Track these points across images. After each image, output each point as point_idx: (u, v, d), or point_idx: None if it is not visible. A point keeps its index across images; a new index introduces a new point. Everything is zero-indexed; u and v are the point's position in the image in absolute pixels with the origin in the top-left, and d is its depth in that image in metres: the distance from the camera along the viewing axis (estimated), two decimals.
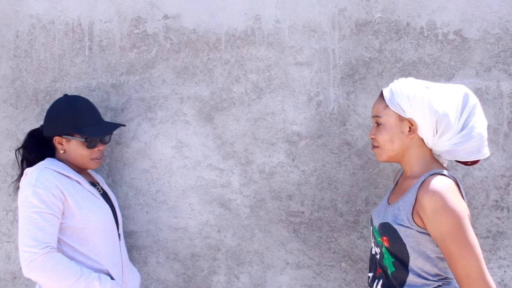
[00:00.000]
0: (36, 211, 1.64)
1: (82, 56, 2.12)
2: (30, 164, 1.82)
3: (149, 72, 2.10)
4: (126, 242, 2.10)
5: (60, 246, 1.71)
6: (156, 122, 2.10)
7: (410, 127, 1.53)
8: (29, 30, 2.15)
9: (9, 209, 2.15)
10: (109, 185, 2.11)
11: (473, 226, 1.58)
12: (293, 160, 2.05)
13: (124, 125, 1.91)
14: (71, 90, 2.11)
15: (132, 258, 2.10)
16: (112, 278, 1.75)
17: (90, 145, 1.80)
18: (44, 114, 2.11)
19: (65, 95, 1.86)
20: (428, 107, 1.49)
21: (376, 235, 1.58)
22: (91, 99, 2.10)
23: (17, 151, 1.89)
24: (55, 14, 2.13)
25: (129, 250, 2.11)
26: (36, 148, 1.85)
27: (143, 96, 2.10)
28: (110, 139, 1.91)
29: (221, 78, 2.07)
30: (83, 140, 1.79)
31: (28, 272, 1.61)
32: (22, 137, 2.14)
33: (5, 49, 2.16)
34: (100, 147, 1.84)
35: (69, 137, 1.79)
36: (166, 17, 2.09)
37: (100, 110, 2.10)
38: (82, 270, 1.66)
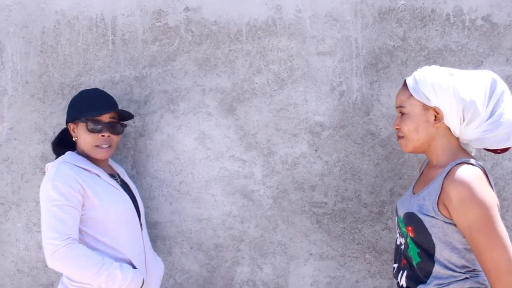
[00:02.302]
0: (56, 204, 1.68)
1: (106, 50, 2.15)
2: (59, 156, 1.87)
3: (171, 65, 2.11)
4: (150, 233, 2.13)
5: (83, 237, 1.75)
6: (178, 114, 2.12)
7: (435, 116, 1.49)
8: (55, 26, 2.19)
9: (39, 200, 2.20)
10: (133, 176, 2.14)
11: (502, 218, 1.53)
12: (316, 150, 2.03)
13: (132, 116, 1.91)
14: (95, 83, 2.14)
15: (156, 248, 2.13)
16: (134, 267, 1.78)
17: (91, 128, 1.80)
18: None
19: (84, 89, 1.95)
20: (454, 94, 1.45)
21: (401, 225, 1.56)
22: (114, 92, 2.13)
23: (52, 144, 1.97)
24: (79, 10, 2.16)
25: (154, 241, 2.14)
26: (62, 143, 1.91)
27: (165, 88, 2.12)
28: (122, 130, 1.90)
29: (242, 69, 2.07)
30: (85, 122, 1.81)
31: (51, 263, 1.66)
32: (49, 130, 2.19)
33: (32, 45, 2.20)
34: (105, 133, 1.82)
35: (76, 121, 1.83)
36: (187, 9, 2.10)
37: (124, 103, 2.13)
38: (103, 259, 1.69)
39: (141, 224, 1.90)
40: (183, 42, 2.10)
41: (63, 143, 1.92)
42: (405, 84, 1.56)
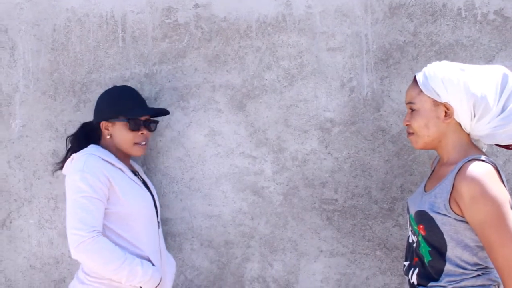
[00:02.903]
0: (84, 195, 1.69)
1: (116, 47, 2.16)
2: (74, 151, 1.88)
3: (181, 61, 2.11)
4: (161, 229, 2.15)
5: (105, 232, 1.75)
6: (188, 110, 2.12)
7: (446, 112, 1.47)
8: (65, 24, 2.20)
9: (51, 196, 2.22)
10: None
11: None
12: (326, 147, 2.03)
13: (167, 112, 1.96)
14: (106, 81, 2.15)
15: (167, 245, 2.14)
16: (153, 265, 1.79)
17: (132, 126, 1.84)
18: (81, 105, 2.18)
19: (114, 86, 1.95)
20: (464, 90, 1.43)
21: (412, 223, 1.55)
22: None
23: (67, 139, 1.97)
24: (89, 7, 2.17)
25: (164, 237, 2.15)
26: (84, 136, 1.92)
27: (175, 85, 2.12)
28: (155, 127, 1.95)
29: (252, 65, 2.06)
30: (126, 121, 1.83)
31: (75, 254, 1.67)
32: (60, 127, 2.20)
33: (43, 42, 2.22)
34: (144, 131, 1.88)
35: (114, 120, 1.84)
36: (196, 6, 2.10)
37: None
38: (126, 255, 1.71)
39: (158, 222, 1.91)
40: (193, 38, 2.10)
41: (84, 138, 1.92)
42: (415, 80, 1.54)
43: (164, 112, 1.96)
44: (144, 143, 1.89)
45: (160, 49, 2.13)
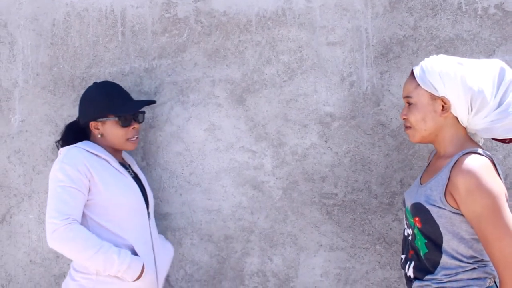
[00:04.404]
0: (60, 185, 1.72)
1: (115, 41, 2.16)
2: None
3: (181, 56, 2.11)
4: (161, 224, 2.15)
5: (86, 222, 1.77)
6: (188, 105, 2.12)
7: (443, 106, 1.48)
8: (65, 18, 2.19)
9: None
10: (143, 168, 2.15)
11: (511, 207, 1.52)
12: (326, 141, 2.03)
13: (154, 101, 1.96)
14: (105, 75, 2.15)
15: (167, 239, 2.14)
16: (136, 255, 1.78)
17: (124, 123, 1.85)
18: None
19: (95, 83, 1.92)
20: (461, 84, 1.43)
21: (408, 216, 1.55)
22: (124, 84, 2.14)
23: (56, 144, 1.95)
24: (89, 2, 2.17)
25: (164, 232, 2.15)
26: (73, 138, 1.90)
27: (175, 79, 2.12)
28: (143, 118, 1.95)
29: (252, 60, 2.06)
30: (116, 119, 1.83)
31: (50, 241, 1.69)
32: (60, 122, 2.20)
33: (43, 37, 2.22)
34: (135, 125, 1.88)
35: (104, 119, 1.84)
36: (196, 0, 2.09)
37: (134, 95, 2.13)
38: (101, 243, 1.70)
39: (148, 213, 1.91)
40: (193, 33, 2.10)
41: (73, 140, 1.89)
42: (412, 73, 1.54)
43: (151, 102, 1.95)
44: (136, 136, 1.90)
45: (160, 43, 2.13)
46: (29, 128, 2.23)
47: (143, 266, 1.77)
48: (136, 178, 1.94)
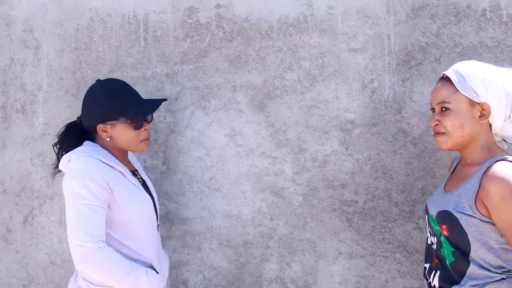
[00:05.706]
0: (85, 203, 1.60)
1: (138, 46, 2.18)
2: (67, 151, 1.76)
3: (202, 61, 2.13)
4: (180, 229, 2.15)
5: (108, 240, 1.67)
6: (209, 110, 2.13)
7: (481, 112, 1.46)
8: (88, 23, 2.23)
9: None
10: (163, 172, 2.16)
11: None
12: (346, 148, 2.02)
13: (165, 99, 1.85)
14: (127, 80, 2.17)
15: (186, 244, 2.15)
16: (156, 272, 1.73)
17: (136, 126, 1.73)
18: None
19: (98, 80, 1.79)
20: (504, 91, 1.43)
21: (433, 224, 1.53)
22: (146, 89, 2.16)
23: (53, 146, 1.84)
24: (112, 7, 2.20)
25: (183, 236, 2.15)
26: (76, 141, 1.78)
27: (196, 85, 2.13)
28: (152, 117, 1.85)
29: (273, 66, 2.07)
30: (129, 122, 1.72)
31: (81, 265, 1.60)
32: None
33: (66, 42, 2.25)
34: (146, 126, 1.77)
35: (114, 122, 1.72)
36: (218, 6, 2.11)
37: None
38: (131, 265, 1.65)
39: (157, 225, 1.85)
40: (214, 38, 2.11)
41: (76, 141, 1.78)
42: (445, 79, 1.52)
43: (162, 100, 1.83)
44: (147, 137, 1.79)
45: (182, 49, 2.14)
46: (52, 131, 2.26)
47: (165, 285, 1.77)
48: (144, 185, 1.86)
